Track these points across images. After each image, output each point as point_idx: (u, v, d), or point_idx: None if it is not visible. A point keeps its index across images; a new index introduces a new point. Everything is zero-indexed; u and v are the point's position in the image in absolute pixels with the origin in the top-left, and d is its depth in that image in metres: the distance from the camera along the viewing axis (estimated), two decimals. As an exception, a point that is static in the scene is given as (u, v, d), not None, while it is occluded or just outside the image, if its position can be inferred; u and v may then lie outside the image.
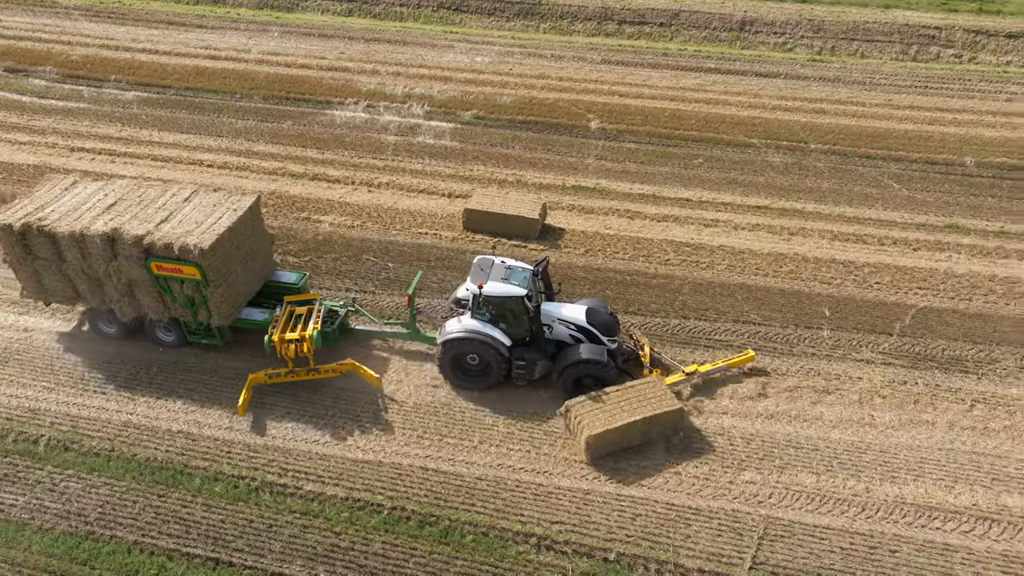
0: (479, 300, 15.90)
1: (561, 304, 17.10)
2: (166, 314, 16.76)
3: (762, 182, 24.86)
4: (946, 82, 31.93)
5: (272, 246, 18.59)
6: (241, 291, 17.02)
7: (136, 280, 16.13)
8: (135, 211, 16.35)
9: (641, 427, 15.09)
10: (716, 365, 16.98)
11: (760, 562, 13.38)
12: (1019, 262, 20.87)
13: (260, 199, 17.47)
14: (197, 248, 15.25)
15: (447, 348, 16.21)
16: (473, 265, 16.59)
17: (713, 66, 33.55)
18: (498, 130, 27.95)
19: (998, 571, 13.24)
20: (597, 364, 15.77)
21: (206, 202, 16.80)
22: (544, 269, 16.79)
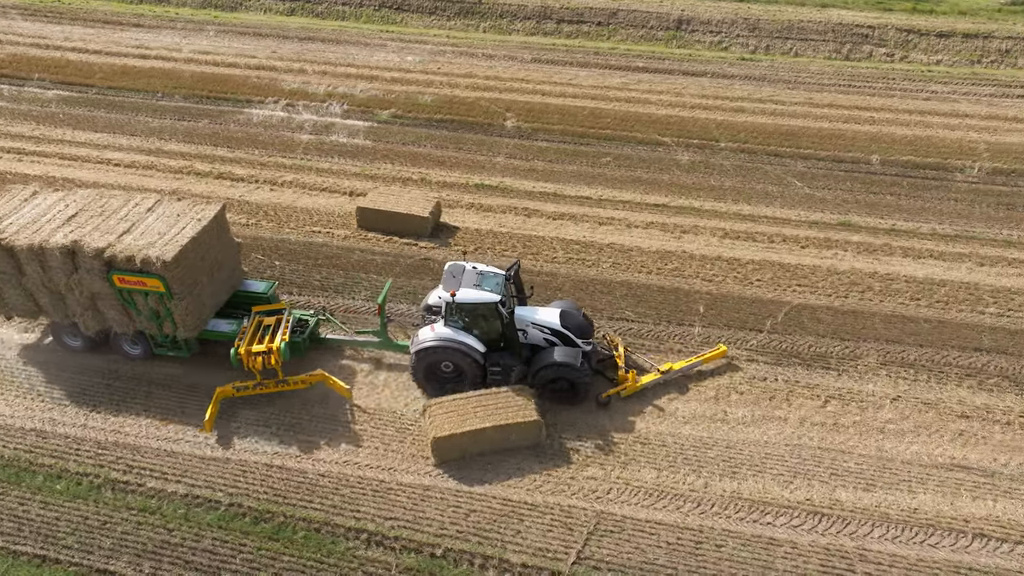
0: (452, 308, 15.72)
1: (535, 308, 16.97)
2: (131, 327, 16.44)
3: (666, 180, 24.98)
4: (869, 81, 32.09)
5: (240, 255, 18.17)
6: (207, 302, 16.68)
7: (99, 293, 15.82)
8: (96, 222, 15.97)
9: (492, 435, 15.10)
10: (690, 362, 17.13)
11: (585, 557, 13.52)
12: (902, 259, 21.02)
13: (225, 208, 17.12)
14: (160, 260, 14.96)
15: (421, 357, 16.05)
16: (444, 272, 16.35)
17: (642, 65, 33.68)
18: (414, 129, 28.03)
19: (817, 564, 13.39)
20: (569, 368, 15.70)
21: (170, 212, 16.45)
22: (516, 273, 16.68)
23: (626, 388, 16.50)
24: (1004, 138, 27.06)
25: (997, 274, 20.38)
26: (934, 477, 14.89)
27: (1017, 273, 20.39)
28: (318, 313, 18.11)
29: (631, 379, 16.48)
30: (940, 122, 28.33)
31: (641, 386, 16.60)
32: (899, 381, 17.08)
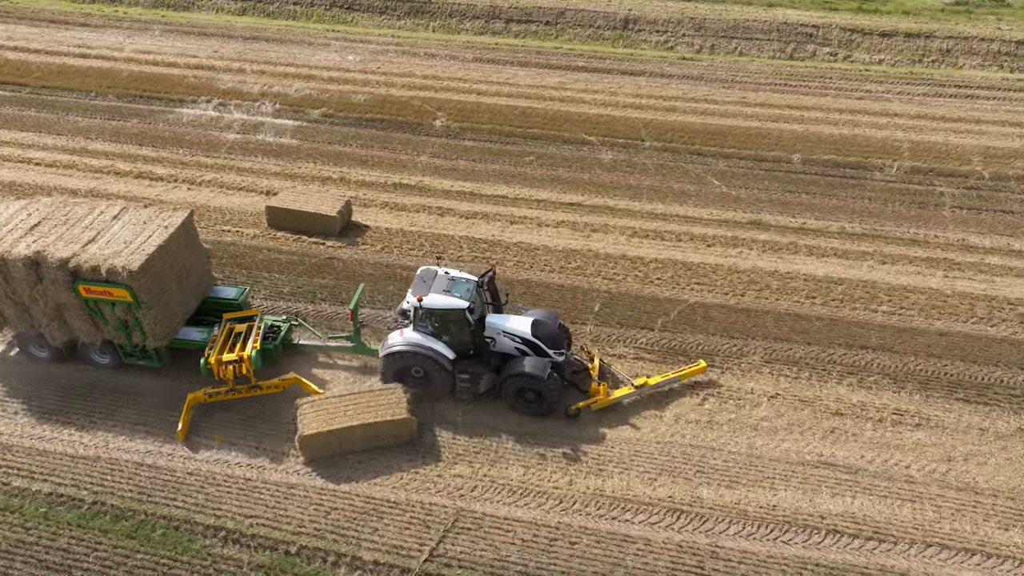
0: (420, 312, 15.56)
1: (507, 316, 16.57)
2: (99, 337, 16.17)
3: (586, 179, 25.05)
4: (806, 80, 32.18)
5: (209, 261, 17.98)
6: (177, 310, 16.44)
7: (65, 304, 15.53)
8: (60, 231, 15.67)
9: (361, 433, 15.14)
10: (667, 377, 16.62)
11: (439, 554, 13.59)
12: (805, 258, 21.11)
13: (193, 214, 16.89)
14: (126, 270, 14.71)
15: (390, 361, 15.89)
16: (416, 276, 16.21)
17: (583, 64, 33.76)
18: (343, 128, 28.08)
19: (667, 561, 13.47)
20: (537, 379, 15.41)
21: (136, 219, 16.13)
22: (490, 280, 16.43)
23: (597, 401, 16.11)
24: (928, 137, 27.18)
25: (897, 272, 20.48)
26: (798, 474, 14.97)
27: (916, 271, 20.50)
28: (291, 319, 17.88)
29: (602, 392, 16.09)
30: (869, 121, 28.44)
31: (614, 400, 16.18)
32: (780, 379, 17.16)
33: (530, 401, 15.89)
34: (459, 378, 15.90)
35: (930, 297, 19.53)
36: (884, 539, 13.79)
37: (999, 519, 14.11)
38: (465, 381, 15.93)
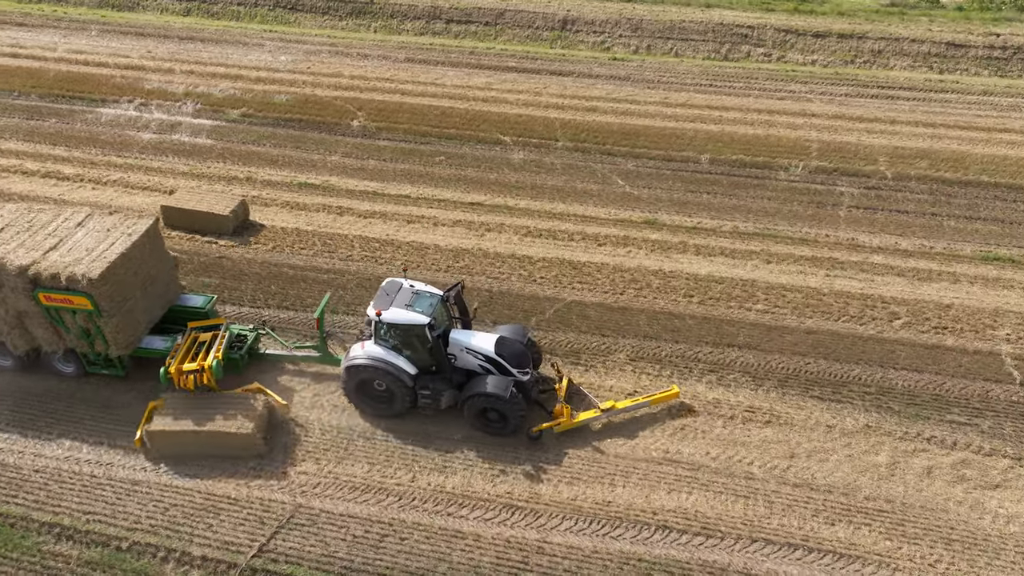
0: (380, 327, 15.31)
1: (473, 332, 16.18)
2: (61, 345, 16.08)
3: (492, 179, 25.19)
4: (732, 80, 32.32)
5: (176, 269, 17.80)
6: (141, 319, 16.31)
7: (26, 311, 15.46)
8: (23, 238, 15.58)
9: (206, 439, 15.01)
10: (636, 401, 16.16)
11: (268, 550, 13.73)
12: (693, 257, 21.26)
13: (158, 221, 16.79)
14: (86, 278, 14.62)
15: (351, 374, 15.66)
16: (380, 288, 15.83)
17: (514, 64, 33.88)
18: (260, 128, 28.18)
19: (493, 556, 13.62)
20: (498, 399, 15.01)
21: (100, 226, 16.01)
22: (458, 294, 16.17)
23: (560, 424, 15.70)
24: (840, 137, 27.33)
25: (780, 271, 20.64)
26: (639, 471, 15.13)
27: (798, 270, 20.66)
28: (257, 327, 17.75)
29: (566, 415, 15.65)
30: (785, 121, 28.58)
31: (579, 423, 15.74)
32: (642, 376, 17.31)
33: (493, 420, 15.56)
34: (420, 394, 15.62)
35: (806, 296, 19.69)
36: (712, 535, 13.96)
37: (828, 514, 14.27)
38: (426, 397, 15.63)
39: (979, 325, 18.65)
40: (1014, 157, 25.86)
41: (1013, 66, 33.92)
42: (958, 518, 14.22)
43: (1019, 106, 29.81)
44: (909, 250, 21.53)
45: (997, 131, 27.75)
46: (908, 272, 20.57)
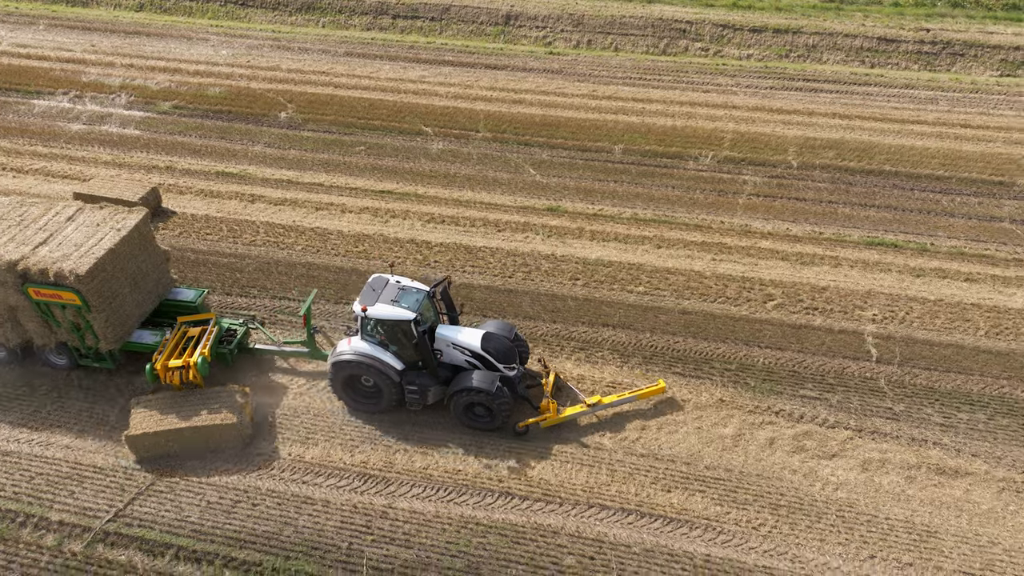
0: (365, 322, 15.46)
1: (459, 328, 16.30)
2: (52, 339, 16.31)
3: (407, 168, 25.78)
4: (662, 74, 32.87)
5: (167, 263, 17.94)
6: (131, 313, 16.42)
7: (16, 306, 15.68)
8: (13, 232, 15.74)
9: (190, 435, 15.06)
10: (622, 396, 16.26)
11: (123, 515, 14.31)
12: (587, 242, 21.83)
13: (148, 216, 16.89)
14: (73, 274, 14.73)
15: (338, 369, 15.80)
16: (366, 284, 15.87)
17: (451, 58, 34.43)
18: (190, 119, 28.76)
19: (338, 520, 14.25)
20: (485, 393, 15.14)
21: (90, 221, 16.11)
22: (445, 290, 16.34)
23: (546, 419, 15.88)
24: (756, 128, 27.90)
25: (668, 256, 21.22)
26: (492, 443, 15.70)
27: (687, 255, 21.24)
28: (247, 322, 17.88)
29: (552, 410, 15.82)
30: (705, 113, 29.15)
31: (564, 418, 15.92)
32: (514, 354, 17.90)
33: (480, 416, 15.75)
34: (407, 390, 15.73)
35: (688, 278, 20.28)
36: (551, 500, 14.56)
37: (666, 482, 14.87)
38: (413, 393, 15.76)
39: (849, 306, 19.25)
40: (919, 147, 26.47)
41: (942, 60, 34.48)
42: (790, 485, 14.81)
43: (936, 99, 30.39)
44: (799, 236, 22.13)
45: (910, 123, 28.34)
46: (792, 256, 21.17)
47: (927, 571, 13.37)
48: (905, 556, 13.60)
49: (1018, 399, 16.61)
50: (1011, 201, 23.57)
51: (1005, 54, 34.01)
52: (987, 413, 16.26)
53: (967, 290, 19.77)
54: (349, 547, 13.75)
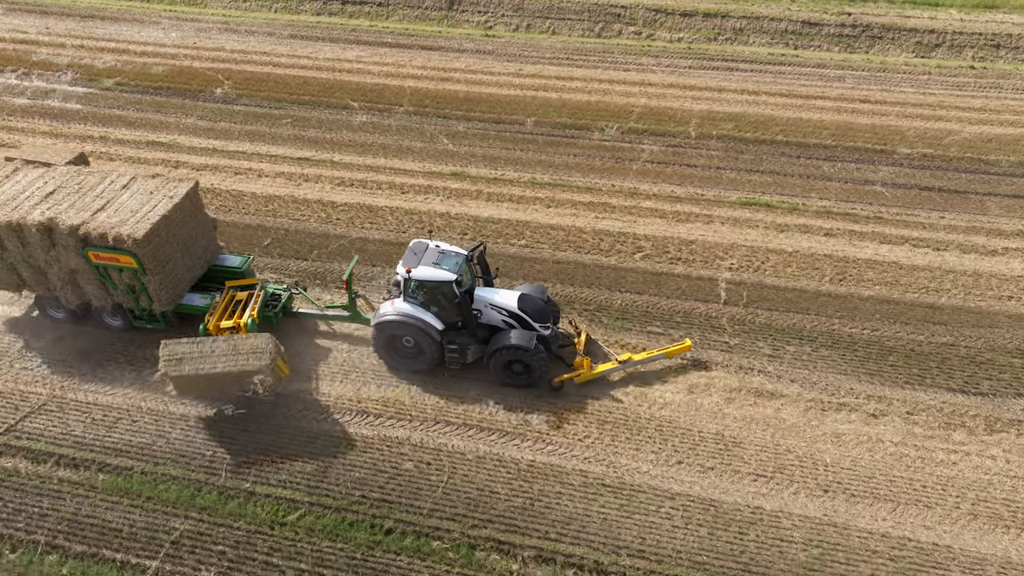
0: (408, 284, 16.22)
1: (496, 290, 17.13)
2: (109, 300, 17.15)
3: (329, 138, 27.31)
4: (590, 55, 34.33)
5: (215, 230, 18.66)
6: (182, 277, 17.20)
7: (77, 268, 16.47)
8: (73, 199, 16.52)
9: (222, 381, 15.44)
10: (651, 354, 17.07)
11: (15, 429, 15.91)
12: (479, 201, 23.36)
13: (197, 185, 17.58)
14: (131, 238, 15.51)
15: (380, 330, 16.54)
16: (407, 248, 16.65)
17: (391, 40, 35.95)
18: (130, 95, 30.29)
19: (205, 435, 15.78)
20: (524, 350, 15.91)
21: (143, 189, 16.90)
22: (481, 254, 17.10)
23: (580, 375, 16.76)
24: (665, 103, 29.42)
25: (555, 214, 22.73)
26: (357, 372, 17.27)
27: (571, 214, 22.77)
28: (291, 287, 18.69)
29: (586, 366, 16.70)
30: (621, 90, 30.68)
31: (597, 374, 16.77)
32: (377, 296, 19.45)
33: (518, 373, 16.48)
34: (447, 349, 16.45)
35: (568, 233, 21.82)
36: (403, 418, 16.12)
37: (508, 404, 16.42)
38: (453, 352, 16.48)
39: (711, 257, 20.81)
40: (815, 120, 28.02)
41: (861, 43, 36.01)
42: (620, 406, 16.38)
43: (844, 77, 31.94)
44: (681, 197, 23.68)
45: (813, 98, 29.89)
46: (670, 215, 22.72)
47: (725, 474, 14.95)
48: (709, 462, 15.18)
49: (843, 334, 18.21)
50: (887, 167, 25.16)
51: (920, 37, 35.57)
52: (813, 346, 17.85)
53: (824, 243, 21.36)
54: (212, 455, 15.34)
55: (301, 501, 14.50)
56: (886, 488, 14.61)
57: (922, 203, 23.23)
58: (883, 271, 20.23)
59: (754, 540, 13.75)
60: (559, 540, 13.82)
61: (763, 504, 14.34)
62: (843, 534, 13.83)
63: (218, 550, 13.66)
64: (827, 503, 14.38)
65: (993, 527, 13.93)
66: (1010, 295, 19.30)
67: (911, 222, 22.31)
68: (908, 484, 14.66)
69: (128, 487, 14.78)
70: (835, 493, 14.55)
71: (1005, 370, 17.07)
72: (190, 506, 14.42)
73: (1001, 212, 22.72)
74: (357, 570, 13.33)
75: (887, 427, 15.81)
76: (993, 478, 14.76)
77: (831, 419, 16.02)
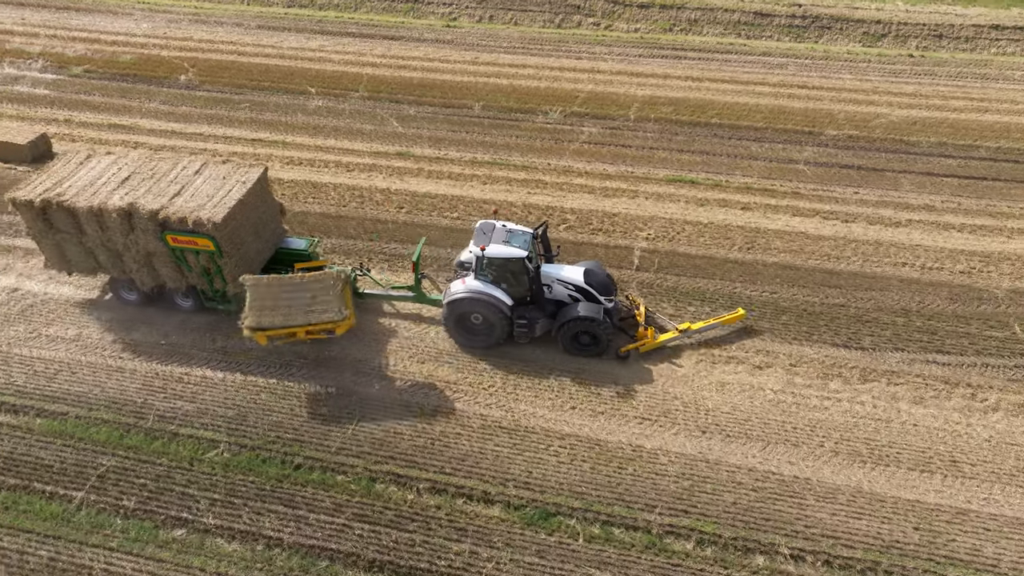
0: (482, 262, 16.81)
1: (561, 266, 17.96)
2: (183, 283, 17.65)
3: (284, 122, 28.53)
4: (546, 45, 35.50)
5: (281, 214, 19.29)
6: (254, 259, 17.68)
7: (154, 252, 16.92)
8: (149, 185, 17.00)
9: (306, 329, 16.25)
10: (708, 323, 17.94)
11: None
12: (424, 179, 24.53)
13: (267, 170, 18.13)
14: (210, 221, 15.96)
15: (452, 308, 17.13)
16: (476, 229, 17.22)
17: (355, 31, 37.15)
18: (98, 82, 31.51)
19: (140, 383, 17.01)
20: (592, 321, 16.66)
21: (216, 174, 17.40)
22: (544, 232, 17.83)
23: (644, 344, 17.51)
24: (609, 89, 30.65)
25: (489, 190, 23.94)
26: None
27: (505, 190, 23.96)
28: (355, 269, 19.20)
29: (650, 336, 17.55)
30: (570, 76, 31.90)
31: (660, 343, 17.57)
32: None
33: (585, 344, 17.25)
34: (516, 323, 17.11)
35: (500, 207, 23.04)
36: (319, 367, 17.36)
37: (421, 356, 17.65)
38: (522, 326, 17.12)
39: (630, 228, 22.03)
40: (752, 104, 29.25)
41: (810, 33, 37.24)
42: (526, 360, 17.62)
43: (787, 65, 33.17)
44: (611, 174, 24.91)
45: (753, 84, 31.13)
46: (599, 190, 23.95)
47: (613, 418, 16.20)
48: (600, 408, 16.43)
49: (743, 295, 19.45)
50: (813, 147, 26.39)
51: (867, 27, 36.82)
52: (712, 307, 19.07)
53: (739, 216, 22.59)
54: (144, 402, 16.57)
55: (220, 441, 15.74)
56: (760, 430, 15.85)
57: (839, 180, 24.47)
58: (790, 240, 21.47)
59: (631, 474, 14.99)
60: (453, 474, 15.06)
61: (644, 443, 15.57)
62: (713, 468, 15.07)
63: (140, 483, 14.90)
64: (704, 443, 15.61)
65: (851, 463, 15.16)
66: (905, 262, 20.56)
67: (825, 197, 23.55)
68: (780, 426, 15.89)
69: (63, 429, 16.01)
70: (712, 434, 15.79)
71: (887, 327, 18.31)
72: (118, 446, 15.66)
73: (912, 188, 23.97)
74: (265, 499, 14.57)
75: (770, 377, 17.05)
76: (859, 421, 16.00)
77: (719, 370, 17.27)
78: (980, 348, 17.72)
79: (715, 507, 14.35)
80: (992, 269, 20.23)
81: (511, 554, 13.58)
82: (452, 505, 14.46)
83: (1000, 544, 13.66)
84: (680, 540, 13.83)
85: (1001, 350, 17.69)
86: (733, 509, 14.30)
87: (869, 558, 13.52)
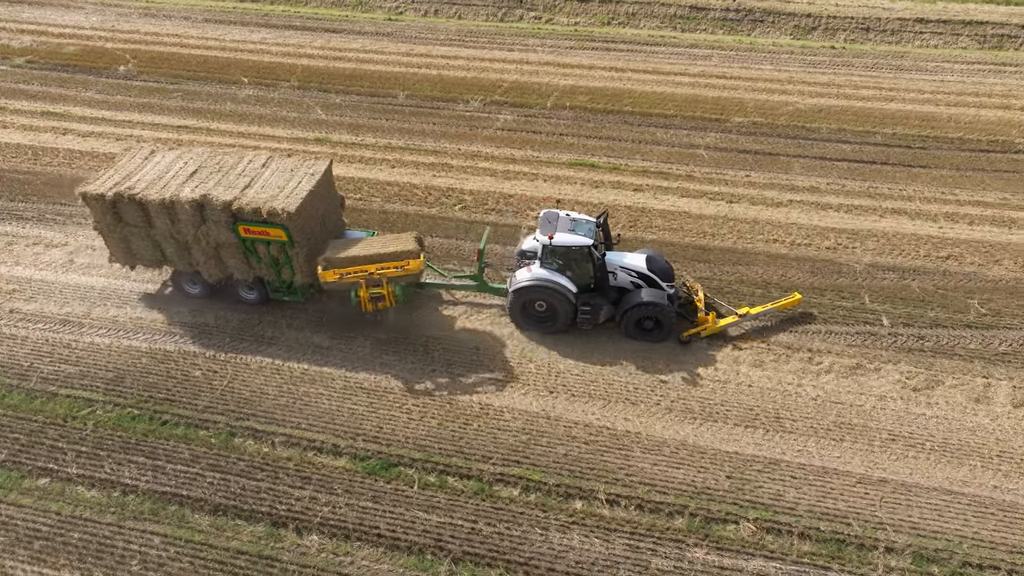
0: (549, 250, 17.24)
1: (623, 253, 18.47)
2: (251, 274, 17.96)
3: (213, 109, 29.52)
4: (481, 37, 36.51)
5: (342, 207, 19.70)
6: (320, 250, 17.87)
7: (223, 243, 17.18)
8: (217, 178, 17.30)
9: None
10: (766, 307, 18.34)
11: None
12: (337, 163, 24.42)
13: (332, 163, 18.62)
14: (284, 212, 16.26)
15: (518, 296, 17.55)
16: (540, 219, 17.76)
17: (298, 24, 38.15)
18: (39, 72, 32.52)
19: (29, 347, 17.98)
20: (657, 306, 17.12)
21: (283, 167, 17.75)
22: (605, 221, 18.30)
23: (706, 329, 17.92)
24: (533, 79, 31.60)
25: (395, 173, 24.97)
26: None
27: (411, 173, 24.96)
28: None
29: (711, 320, 17.90)
30: (498, 67, 32.86)
31: (720, 327, 17.95)
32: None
33: (648, 329, 17.67)
34: (581, 310, 17.53)
35: (403, 189, 24.07)
36: (203, 335, 18.32)
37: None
38: (586, 313, 17.57)
39: (523, 208, 23.02)
40: (667, 94, 30.24)
41: (744, 26, 38.23)
42: (399, 327, 18.62)
43: (711, 56, 34.14)
44: (517, 159, 25.88)
45: (674, 74, 32.12)
46: (500, 173, 24.94)
47: (469, 379, 17.17)
48: (459, 370, 17.41)
49: (615, 269, 20.45)
50: (716, 134, 27.37)
51: (798, 21, 37.82)
52: (584, 279, 20.05)
53: (629, 197, 23.58)
54: (30, 366, 17.57)
55: (96, 400, 16.75)
56: (603, 390, 16.84)
57: (734, 164, 25.46)
58: (672, 219, 22.46)
59: (475, 429, 15.98)
60: (308, 429, 16.06)
61: (492, 402, 16.57)
62: (552, 424, 16.06)
63: (13, 437, 15.90)
64: (548, 401, 16.61)
65: (683, 419, 16.14)
66: (776, 239, 21.55)
67: (716, 179, 24.54)
68: (623, 387, 16.88)
69: (-55, 391, 17.07)
70: (558, 394, 16.79)
71: (745, 298, 19.28)
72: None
73: (802, 171, 24.95)
74: (128, 451, 15.58)
75: (621, 341, 18.05)
76: (699, 381, 16.99)
77: (583, 337, 18.24)
78: (828, 317, 18.72)
79: (546, 458, 15.35)
80: (857, 245, 21.21)
81: (348, 499, 14.58)
82: (302, 457, 15.48)
83: (802, 490, 14.63)
84: (508, 487, 14.83)
85: (847, 319, 18.67)
86: (563, 460, 15.30)
87: (679, 503, 14.50)
